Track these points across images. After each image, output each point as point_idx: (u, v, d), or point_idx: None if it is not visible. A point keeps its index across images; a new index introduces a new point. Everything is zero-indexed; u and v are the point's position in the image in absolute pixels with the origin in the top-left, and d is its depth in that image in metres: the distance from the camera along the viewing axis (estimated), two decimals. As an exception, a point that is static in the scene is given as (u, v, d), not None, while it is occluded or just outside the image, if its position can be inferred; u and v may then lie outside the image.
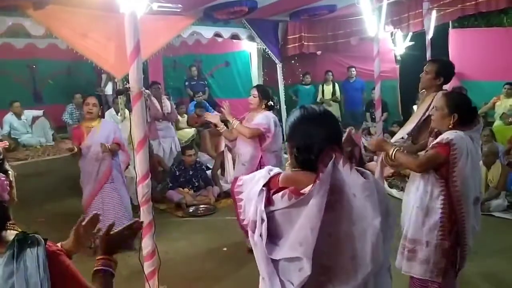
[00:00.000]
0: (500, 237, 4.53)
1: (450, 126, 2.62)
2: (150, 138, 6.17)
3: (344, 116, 9.74)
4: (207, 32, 6.94)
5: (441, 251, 2.64)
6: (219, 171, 6.59)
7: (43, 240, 1.37)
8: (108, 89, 8.90)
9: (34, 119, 7.82)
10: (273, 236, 1.39)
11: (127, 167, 5.04)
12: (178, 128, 7.71)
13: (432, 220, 2.65)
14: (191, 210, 5.74)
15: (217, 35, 7.21)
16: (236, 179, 1.56)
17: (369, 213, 1.35)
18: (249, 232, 1.43)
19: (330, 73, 9.68)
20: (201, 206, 5.85)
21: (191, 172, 6.19)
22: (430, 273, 2.66)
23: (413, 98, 9.06)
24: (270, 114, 4.27)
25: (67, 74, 9.72)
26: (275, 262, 1.37)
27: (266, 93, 4.32)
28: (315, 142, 1.44)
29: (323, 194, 1.31)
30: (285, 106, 8.66)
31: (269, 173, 1.50)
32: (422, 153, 2.87)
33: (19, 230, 1.42)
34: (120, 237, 1.61)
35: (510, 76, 7.68)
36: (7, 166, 1.58)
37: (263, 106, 4.26)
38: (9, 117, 7.59)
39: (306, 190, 1.35)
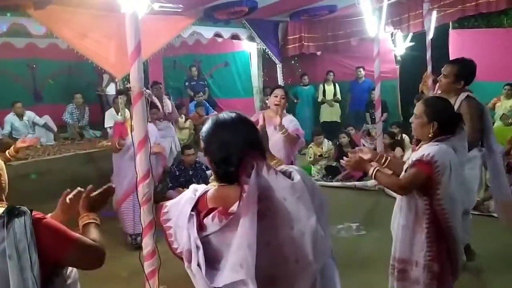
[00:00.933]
0: (499, 238, 4.53)
1: (430, 135, 2.44)
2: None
3: (348, 116, 9.73)
4: (207, 32, 6.95)
5: (430, 274, 2.46)
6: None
7: (29, 211, 1.56)
8: (110, 89, 8.89)
9: (35, 124, 7.78)
10: (211, 262, 1.31)
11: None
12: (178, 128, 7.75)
13: (419, 239, 2.49)
14: (191, 210, 5.74)
15: (217, 35, 7.22)
16: (161, 206, 1.45)
17: (303, 213, 1.32)
18: (185, 263, 1.34)
19: (331, 73, 9.67)
20: (201, 205, 5.85)
21: (191, 172, 6.20)
22: None
23: (413, 99, 9.08)
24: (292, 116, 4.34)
25: (68, 74, 9.70)
26: None
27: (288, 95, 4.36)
28: (232, 152, 1.34)
29: (253, 207, 1.25)
30: (285, 107, 8.67)
31: (195, 194, 1.40)
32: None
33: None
34: (97, 199, 1.85)
35: (510, 76, 7.69)
36: None
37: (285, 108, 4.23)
38: (11, 117, 7.57)
39: (234, 208, 1.27)
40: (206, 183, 6.08)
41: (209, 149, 1.41)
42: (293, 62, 10.25)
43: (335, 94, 9.69)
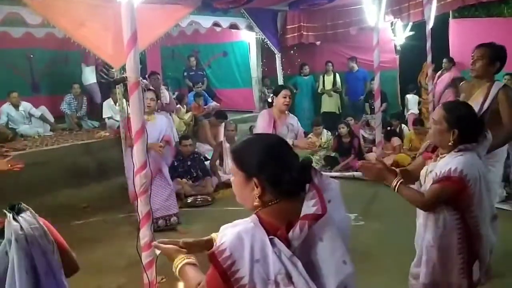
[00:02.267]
0: (499, 228, 4.52)
1: (450, 144, 2.23)
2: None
3: (345, 107, 9.70)
4: (206, 21, 6.90)
5: None
6: (217, 162, 6.59)
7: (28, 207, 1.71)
8: (90, 79, 8.81)
9: (31, 115, 7.74)
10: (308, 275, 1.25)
11: None
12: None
13: (450, 259, 2.28)
14: (189, 201, 5.75)
15: (216, 24, 7.16)
16: (214, 254, 1.24)
17: (343, 214, 1.39)
18: None
19: (330, 64, 9.60)
20: (199, 196, 5.85)
21: (189, 163, 6.19)
22: None
23: (413, 88, 9.07)
24: None
25: (65, 64, 9.63)
26: None
27: None
28: (297, 165, 1.35)
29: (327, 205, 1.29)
30: (284, 97, 8.63)
31: (251, 223, 1.29)
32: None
33: None
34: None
35: (510, 66, 7.64)
36: None
37: None
38: (6, 107, 7.52)
39: (316, 210, 1.26)
40: (204, 174, 6.18)
41: (272, 165, 1.32)
42: (292, 52, 10.18)
43: (334, 84, 9.65)
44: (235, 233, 1.25)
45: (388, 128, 7.41)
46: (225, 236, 1.26)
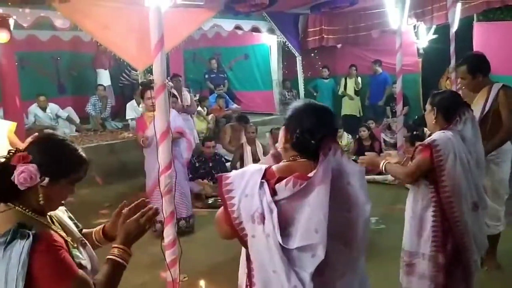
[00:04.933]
0: None
1: (433, 122, 2.52)
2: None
3: (367, 110, 9.63)
4: (228, 24, 6.98)
5: (436, 265, 2.45)
6: (238, 164, 6.63)
7: (32, 236, 1.37)
8: (104, 81, 9.01)
9: (58, 116, 7.95)
10: (281, 225, 1.38)
11: None
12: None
13: (425, 230, 2.49)
14: (210, 202, 5.81)
15: (238, 27, 7.24)
16: (222, 178, 1.48)
17: (362, 200, 1.45)
18: (256, 227, 1.38)
19: (354, 68, 9.51)
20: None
21: (211, 164, 6.25)
22: None
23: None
24: None
25: (90, 66, 9.87)
26: (287, 253, 1.36)
27: None
28: (320, 128, 1.48)
29: (328, 179, 1.36)
30: (304, 100, 8.66)
31: (260, 168, 1.48)
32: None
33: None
34: (136, 225, 1.61)
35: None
36: None
37: None
38: (34, 108, 7.74)
39: (311, 174, 1.38)
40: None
41: (298, 119, 1.52)
42: (312, 54, 10.18)
43: (356, 88, 9.58)
44: (243, 170, 1.50)
45: (414, 132, 7.33)
46: (244, 168, 1.52)
